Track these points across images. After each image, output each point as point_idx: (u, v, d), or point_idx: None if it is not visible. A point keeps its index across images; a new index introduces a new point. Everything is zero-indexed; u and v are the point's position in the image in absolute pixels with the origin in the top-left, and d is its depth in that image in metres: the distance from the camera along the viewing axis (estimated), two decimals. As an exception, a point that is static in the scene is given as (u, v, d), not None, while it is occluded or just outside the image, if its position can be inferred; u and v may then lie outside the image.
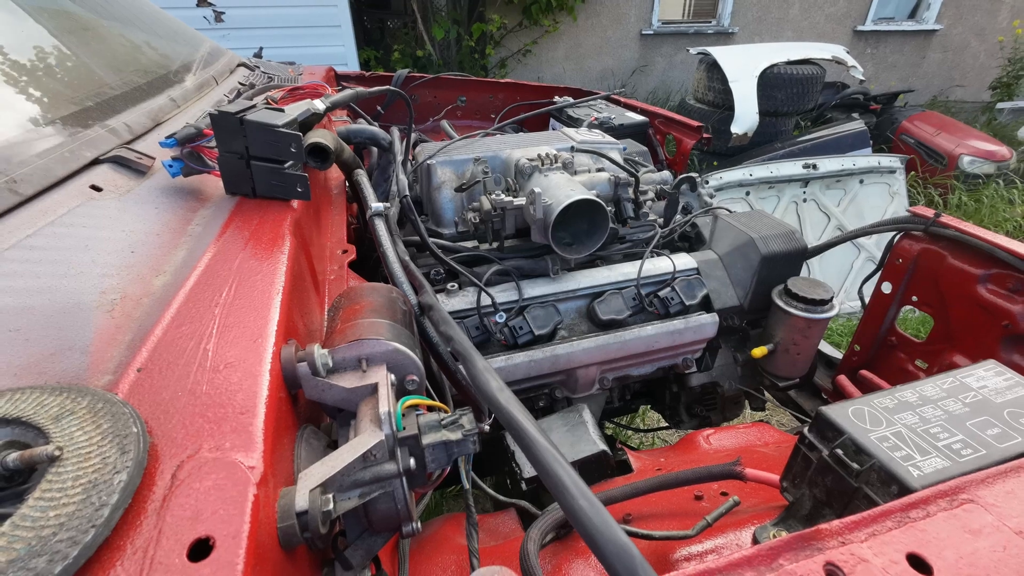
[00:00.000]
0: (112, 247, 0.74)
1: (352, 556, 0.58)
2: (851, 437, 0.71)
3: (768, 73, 4.59)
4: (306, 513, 0.49)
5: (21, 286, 0.62)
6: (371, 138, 1.53)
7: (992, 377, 0.80)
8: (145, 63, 1.34)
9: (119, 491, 0.42)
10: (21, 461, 0.42)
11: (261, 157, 0.94)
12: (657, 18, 7.28)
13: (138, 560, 0.40)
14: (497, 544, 0.99)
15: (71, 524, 0.39)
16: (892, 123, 5.54)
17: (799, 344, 1.41)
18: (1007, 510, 0.53)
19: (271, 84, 1.69)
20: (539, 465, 0.51)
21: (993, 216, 4.87)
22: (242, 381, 0.55)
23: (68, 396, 0.49)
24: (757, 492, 0.99)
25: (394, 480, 0.57)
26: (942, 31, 7.96)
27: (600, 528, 0.44)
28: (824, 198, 3.70)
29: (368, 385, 0.65)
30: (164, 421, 0.51)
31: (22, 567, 0.36)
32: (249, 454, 0.48)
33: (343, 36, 5.36)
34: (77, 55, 1.11)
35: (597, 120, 2.20)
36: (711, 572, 0.46)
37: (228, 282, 0.71)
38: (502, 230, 1.36)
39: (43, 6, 1.18)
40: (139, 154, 0.95)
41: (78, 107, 0.96)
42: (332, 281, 1.04)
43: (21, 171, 0.75)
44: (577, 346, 1.33)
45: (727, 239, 1.50)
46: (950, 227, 1.32)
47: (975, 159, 5.04)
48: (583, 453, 1.20)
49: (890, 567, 0.47)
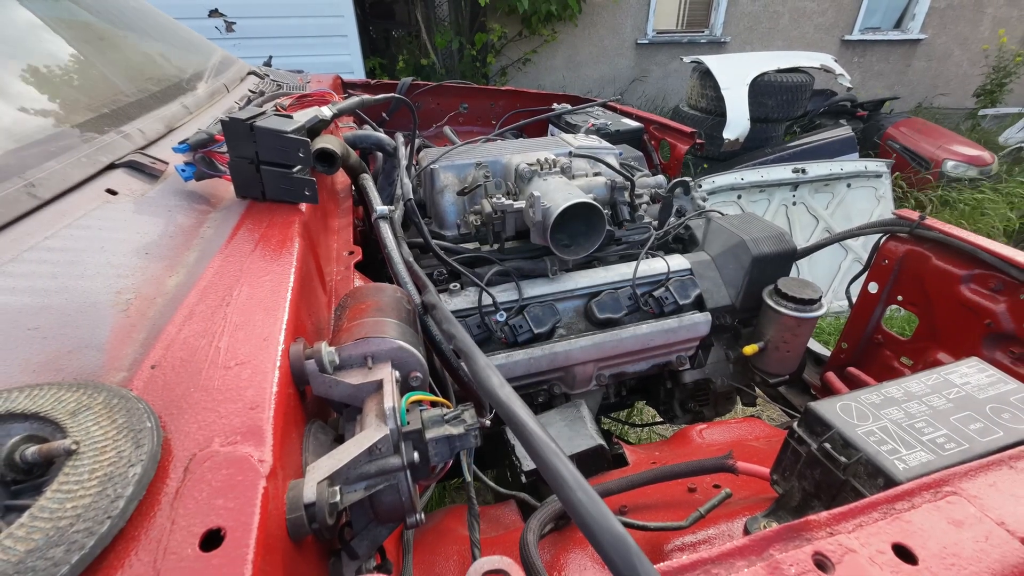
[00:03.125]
0: (127, 248, 0.74)
1: (358, 546, 0.58)
2: (839, 431, 0.71)
3: (759, 81, 4.59)
4: (314, 505, 0.49)
5: (39, 286, 0.62)
6: (376, 144, 1.53)
7: (975, 374, 0.80)
8: (159, 72, 1.34)
9: (134, 483, 0.42)
10: (40, 455, 0.42)
11: (270, 162, 0.94)
12: (652, 28, 7.28)
13: (152, 550, 0.40)
14: (498, 534, 0.98)
15: (87, 515, 0.39)
16: (878, 129, 5.54)
17: (789, 342, 1.41)
18: (989, 502, 0.53)
19: (280, 92, 1.69)
20: (538, 458, 0.51)
21: (972, 217, 4.86)
22: (252, 378, 0.55)
23: (84, 392, 0.49)
24: (748, 485, 0.98)
25: (398, 473, 0.57)
26: (926, 40, 7.95)
27: (597, 519, 0.44)
28: (813, 201, 3.70)
29: (373, 381, 0.65)
30: (177, 416, 0.51)
31: (40, 556, 0.36)
32: (259, 448, 0.48)
33: (349, 45, 5.36)
34: (94, 64, 1.11)
35: (594, 126, 2.20)
36: (704, 562, 0.46)
37: (239, 282, 0.71)
38: (502, 232, 1.36)
39: (62, 17, 1.18)
40: (153, 159, 0.95)
41: (95, 114, 0.96)
42: (339, 281, 1.04)
43: (40, 175, 0.75)
44: (575, 344, 1.33)
45: (719, 241, 1.50)
46: (934, 229, 1.32)
47: (958, 163, 5.04)
48: (581, 447, 1.20)
49: (876, 557, 0.47)
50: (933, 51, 8.07)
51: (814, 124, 5.60)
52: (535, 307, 1.31)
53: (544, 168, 1.38)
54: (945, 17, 7.81)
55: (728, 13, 7.35)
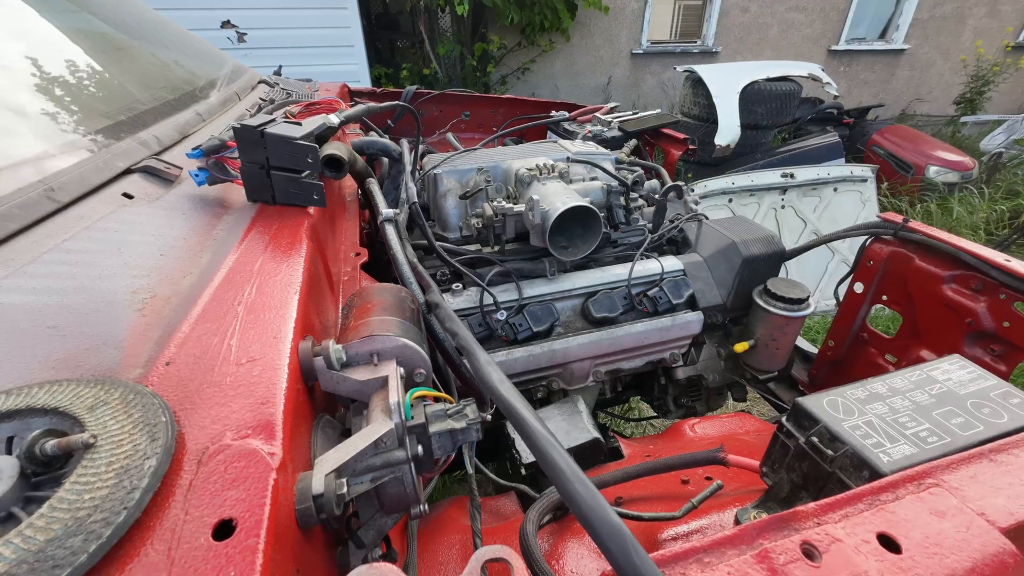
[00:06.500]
0: (143, 250, 0.74)
1: (364, 536, 0.58)
2: (826, 426, 0.71)
3: (749, 89, 4.58)
4: (322, 496, 0.49)
5: (59, 286, 0.62)
6: (382, 149, 1.53)
7: (956, 370, 0.80)
8: (173, 80, 1.34)
9: (149, 475, 0.42)
10: (59, 448, 0.42)
11: (280, 167, 0.94)
12: (646, 38, 7.27)
13: (166, 539, 0.40)
14: (499, 524, 0.98)
15: (105, 506, 0.39)
16: (864, 135, 5.53)
17: (778, 340, 1.41)
18: (970, 493, 0.53)
19: (289, 99, 1.69)
20: (537, 451, 0.51)
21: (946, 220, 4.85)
22: (263, 374, 0.55)
23: (102, 388, 0.49)
24: (739, 477, 0.98)
25: (403, 465, 0.57)
26: (910, 51, 7.95)
27: (594, 509, 0.44)
28: (801, 205, 3.70)
29: (379, 378, 0.65)
30: (191, 411, 0.51)
31: (60, 545, 0.36)
32: (269, 442, 0.48)
33: (356, 55, 5.36)
34: (111, 73, 1.11)
35: (591, 133, 2.20)
36: (696, 551, 0.46)
37: (250, 282, 0.71)
38: (503, 234, 1.36)
39: (81, 28, 1.19)
40: (168, 164, 0.95)
41: (111, 121, 0.96)
42: (346, 281, 1.04)
43: (59, 180, 0.75)
44: (572, 342, 1.33)
45: (711, 243, 1.50)
46: (917, 232, 1.32)
47: (940, 169, 5.03)
48: (578, 440, 1.20)
49: (862, 546, 0.47)
50: (916, 61, 8.06)
51: (802, 131, 5.59)
52: (534, 306, 1.31)
53: (543, 173, 1.38)
54: (928, 28, 7.81)
55: (720, 24, 7.34)
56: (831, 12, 7.47)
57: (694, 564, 0.45)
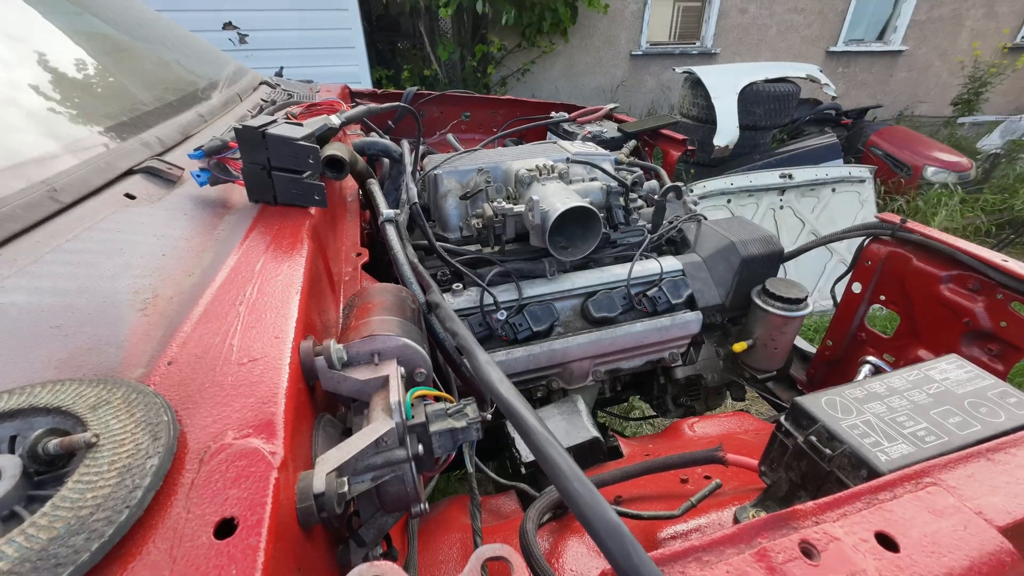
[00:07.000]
0: (145, 250, 0.74)
1: (365, 534, 0.58)
2: (824, 425, 0.71)
3: (748, 90, 4.58)
4: (323, 495, 0.49)
5: (61, 286, 0.62)
6: (383, 150, 1.53)
7: (954, 370, 0.80)
8: (175, 81, 1.34)
9: (151, 474, 0.42)
10: (61, 447, 0.42)
11: (282, 168, 0.93)
12: (645, 40, 7.27)
13: (168, 537, 0.40)
14: (498, 523, 0.98)
15: (107, 505, 0.39)
16: (862, 136, 5.53)
17: (776, 339, 1.41)
18: (968, 492, 0.53)
19: (291, 101, 1.69)
20: (537, 451, 0.51)
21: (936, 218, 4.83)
22: (264, 374, 0.55)
23: (104, 387, 0.49)
24: (737, 476, 0.98)
25: (404, 464, 0.57)
26: (908, 52, 7.95)
27: (593, 508, 0.44)
28: (799, 205, 3.70)
29: (380, 377, 0.65)
30: (192, 410, 0.51)
31: (62, 544, 0.36)
32: (271, 441, 0.48)
33: (357, 57, 5.36)
34: (114, 74, 1.11)
35: (590, 133, 2.19)
36: (695, 549, 0.46)
37: (251, 282, 0.71)
38: (503, 235, 1.36)
39: (84, 29, 1.18)
40: (170, 165, 0.95)
41: (114, 122, 0.96)
42: (347, 281, 1.04)
43: (61, 181, 0.75)
44: (572, 341, 1.33)
45: (710, 243, 1.50)
46: (915, 232, 1.32)
47: (938, 169, 5.03)
48: (577, 439, 1.20)
49: (860, 545, 0.47)
50: (914, 62, 8.06)
51: (800, 131, 5.59)
52: (534, 306, 1.31)
53: (543, 173, 1.38)
54: (925, 30, 7.81)
55: (718, 26, 7.34)
56: (829, 13, 7.47)
57: (693, 563, 0.45)
